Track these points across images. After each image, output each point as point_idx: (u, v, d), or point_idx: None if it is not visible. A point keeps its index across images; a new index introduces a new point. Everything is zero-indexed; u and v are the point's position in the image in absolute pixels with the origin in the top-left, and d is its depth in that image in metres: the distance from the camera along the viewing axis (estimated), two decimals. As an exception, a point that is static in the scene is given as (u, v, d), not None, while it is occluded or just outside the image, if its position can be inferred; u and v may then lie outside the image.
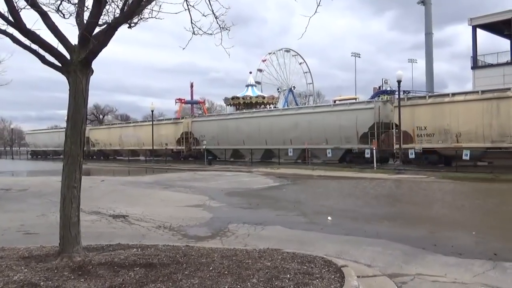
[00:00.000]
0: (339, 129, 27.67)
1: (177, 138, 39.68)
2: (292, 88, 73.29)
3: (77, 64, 5.69)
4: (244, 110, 44.82)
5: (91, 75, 5.90)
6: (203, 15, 5.70)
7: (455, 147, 22.46)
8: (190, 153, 39.25)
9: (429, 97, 24.81)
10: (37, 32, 5.48)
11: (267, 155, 32.77)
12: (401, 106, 24.33)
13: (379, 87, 59.00)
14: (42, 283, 4.67)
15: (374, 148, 24.68)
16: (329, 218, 9.65)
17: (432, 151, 23.88)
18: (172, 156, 40.91)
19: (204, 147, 35.85)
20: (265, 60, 71.98)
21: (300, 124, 30.13)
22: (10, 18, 5.43)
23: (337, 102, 37.67)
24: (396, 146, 24.67)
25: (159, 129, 41.32)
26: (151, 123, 42.40)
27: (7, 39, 5.57)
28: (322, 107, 31.69)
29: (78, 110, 5.77)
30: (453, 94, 23.37)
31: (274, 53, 73.43)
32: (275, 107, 55.27)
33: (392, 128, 25.39)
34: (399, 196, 14.39)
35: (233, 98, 57.42)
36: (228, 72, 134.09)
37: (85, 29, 5.57)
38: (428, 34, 59.51)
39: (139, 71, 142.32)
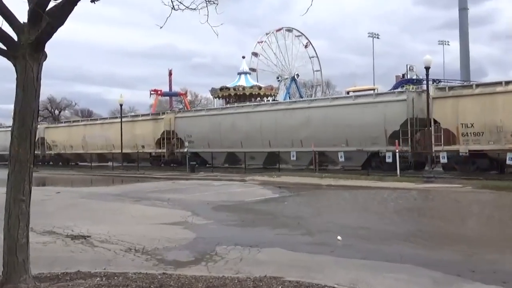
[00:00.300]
0: (363, 127, 27.35)
1: (156, 139, 39.29)
2: (295, 77, 73.52)
3: (26, 47, 5.67)
4: (236, 104, 44.74)
5: (44, 60, 5.87)
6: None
7: (510, 149, 21.98)
8: (173, 157, 38.86)
9: (477, 86, 24.50)
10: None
11: (271, 160, 32.26)
12: (441, 98, 24.17)
13: (403, 75, 59.25)
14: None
15: (397, 150, 24.77)
16: (339, 237, 9.67)
17: (481, 154, 23.48)
18: (150, 161, 40.56)
19: (186, 149, 35.67)
20: (262, 42, 72.13)
21: (314, 121, 29.79)
22: None
23: (351, 93, 37.74)
24: (436, 148, 24.29)
25: (134, 127, 40.97)
26: (125, 119, 41.81)
27: None
28: (342, 99, 31.30)
29: (28, 104, 5.74)
30: (507, 83, 22.93)
31: (272, 33, 73.62)
32: (274, 100, 55.40)
33: (430, 125, 25.20)
34: (426, 210, 14.44)
35: (222, 89, 57.47)
36: (216, 57, 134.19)
37: (37, 4, 5.55)
38: (463, 10, 59.91)
39: (105, 56, 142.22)
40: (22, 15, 5.78)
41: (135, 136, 40.49)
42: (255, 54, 71.28)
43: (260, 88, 57.20)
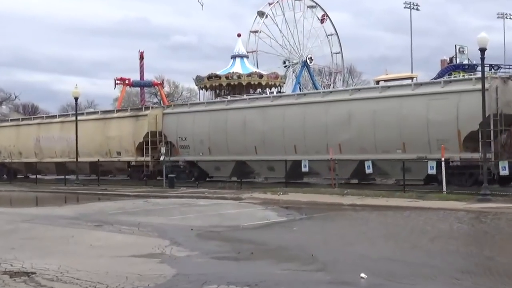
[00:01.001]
0: (427, 126, 26.88)
1: (137, 143, 38.32)
2: (308, 61, 73.82)
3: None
4: (229, 97, 44.66)
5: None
6: None
7: None
8: (160, 168, 37.36)
9: None
10: None
11: (297, 172, 31.42)
12: None
13: (450, 59, 59.56)
14: None
15: (442, 158, 24.80)
16: (363, 275, 9.72)
17: None
18: (129, 173, 39.70)
19: (162, 157, 35.43)
20: (264, 15, 72.38)
21: (357, 118, 29.08)
22: None
23: (381, 83, 37.93)
24: None
25: (106, 127, 40.29)
26: (93, 116, 41.47)
27: None
28: (397, 88, 30.56)
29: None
30: None
31: (278, 3, 73.89)
32: (279, 92, 55.58)
33: None
34: (476, 238, 14.52)
35: (210, 77, 57.66)
36: (203, 35, 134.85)
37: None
38: (530, -27, 60.17)
39: (55, 34, 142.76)
40: None
41: (108, 139, 39.73)
42: (254, 32, 71.54)
43: (261, 76, 57.37)
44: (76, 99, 40.20)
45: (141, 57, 72.40)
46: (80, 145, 40.24)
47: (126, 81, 68.45)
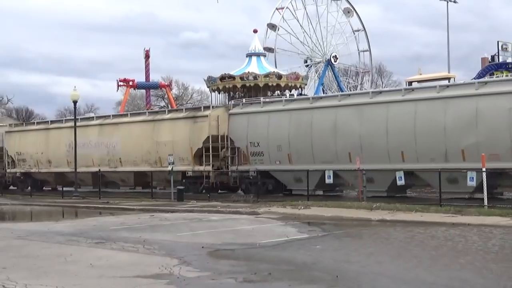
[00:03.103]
0: None
1: (195, 150, 36.70)
2: (332, 60, 73.60)
3: None
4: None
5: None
6: None
7: None
8: (223, 179, 36.73)
9: None
10: None
11: (405, 184, 29.86)
12: None
13: (492, 58, 59.18)
14: None
15: (483, 168, 24.60)
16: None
17: None
18: (185, 184, 36.37)
19: (170, 167, 34.61)
20: (283, 9, 72.43)
21: (487, 118, 27.19)
22: None
23: (414, 84, 37.79)
24: None
25: (156, 131, 38.72)
26: (139, 117, 40.89)
27: None
28: None
29: None
30: None
31: (298, -5, 73.84)
32: (300, 94, 55.54)
33: None
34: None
35: (223, 78, 57.70)
36: (215, 31, 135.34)
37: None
38: None
39: (52, 32, 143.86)
40: None
41: (158, 145, 37.99)
42: (272, 27, 71.62)
43: (279, 76, 57.36)
44: (75, 102, 40.01)
45: (147, 56, 72.73)
46: (123, 152, 40.07)
47: (130, 83, 68.74)
